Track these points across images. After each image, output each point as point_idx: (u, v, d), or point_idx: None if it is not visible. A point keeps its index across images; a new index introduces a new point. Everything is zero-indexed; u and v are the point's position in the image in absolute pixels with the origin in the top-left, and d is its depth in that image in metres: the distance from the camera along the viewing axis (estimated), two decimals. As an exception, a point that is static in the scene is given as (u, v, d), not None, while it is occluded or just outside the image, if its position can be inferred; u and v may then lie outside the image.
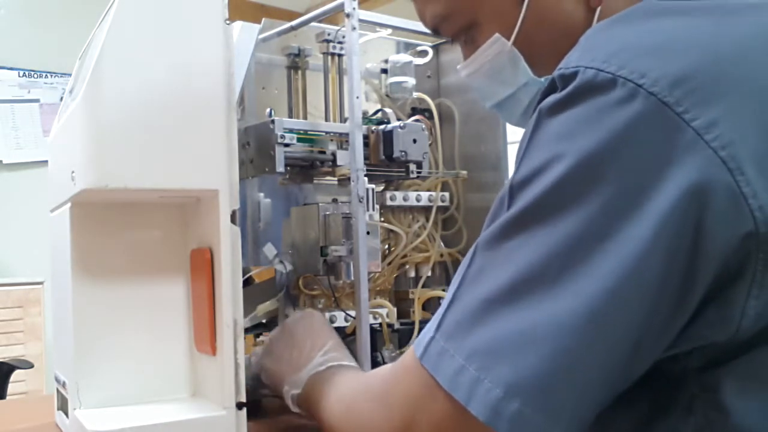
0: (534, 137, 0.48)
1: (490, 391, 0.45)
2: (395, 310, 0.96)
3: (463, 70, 0.70)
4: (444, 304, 0.51)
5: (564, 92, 0.46)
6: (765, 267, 0.43)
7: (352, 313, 0.92)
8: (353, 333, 0.91)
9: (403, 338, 0.93)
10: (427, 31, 0.98)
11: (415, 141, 0.92)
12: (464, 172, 1.04)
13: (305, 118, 0.97)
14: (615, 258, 0.43)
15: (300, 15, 0.98)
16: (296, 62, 0.98)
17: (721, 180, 0.42)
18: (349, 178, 0.85)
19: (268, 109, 0.93)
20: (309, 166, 0.91)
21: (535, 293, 0.45)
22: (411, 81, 1.02)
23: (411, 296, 0.99)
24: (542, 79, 0.64)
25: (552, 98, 0.47)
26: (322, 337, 0.79)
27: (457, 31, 0.68)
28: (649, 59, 0.44)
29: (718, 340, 0.45)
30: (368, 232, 0.85)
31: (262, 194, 0.97)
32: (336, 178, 0.95)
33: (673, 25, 0.47)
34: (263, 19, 0.95)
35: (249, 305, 0.92)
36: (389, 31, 0.99)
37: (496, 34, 0.63)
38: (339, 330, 0.94)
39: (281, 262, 0.93)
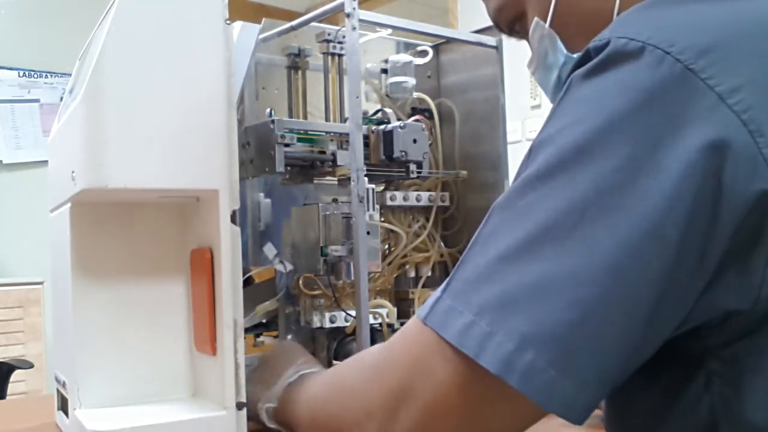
0: (562, 101, 0.49)
1: (501, 344, 0.44)
2: (395, 310, 0.96)
3: (530, 68, 0.73)
4: (456, 266, 0.50)
5: (595, 60, 0.47)
6: None
7: (352, 313, 0.92)
8: (353, 333, 0.91)
9: (403, 338, 0.93)
10: (427, 30, 0.99)
11: (415, 141, 0.92)
12: (464, 172, 1.04)
13: (305, 118, 0.97)
14: (634, 212, 0.43)
15: (300, 15, 0.98)
16: (296, 62, 0.98)
17: (741, 139, 0.43)
18: (349, 178, 0.85)
19: (268, 109, 0.93)
20: (309, 166, 0.91)
21: (550, 247, 0.45)
22: (411, 81, 1.02)
23: (411, 296, 0.99)
24: (575, 56, 0.66)
25: (584, 66, 0.48)
26: (296, 355, 0.78)
27: (511, 22, 0.72)
28: (677, 32, 0.46)
29: (739, 308, 0.45)
30: (368, 232, 0.85)
31: (262, 194, 0.97)
32: (336, 178, 0.95)
33: (698, 8, 0.49)
34: (263, 19, 0.95)
35: (249, 305, 0.92)
36: (389, 31, 0.99)
37: (536, 18, 0.67)
38: (339, 330, 0.94)
39: (281, 262, 0.93)
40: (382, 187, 0.99)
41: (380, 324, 0.93)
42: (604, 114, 0.45)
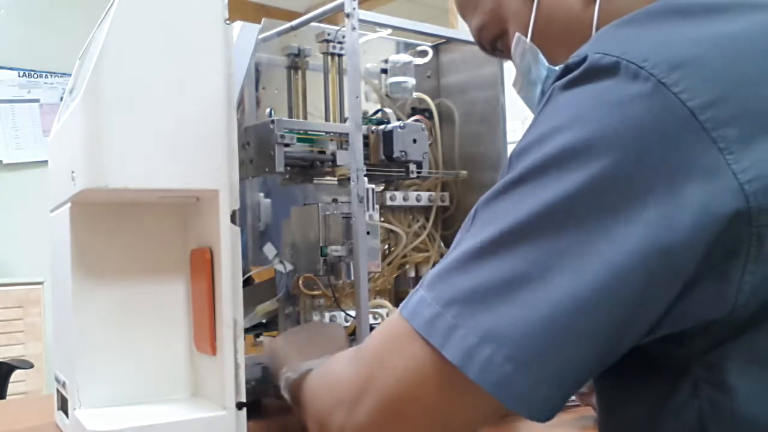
0: (542, 111, 0.51)
1: (464, 337, 0.46)
2: (395, 310, 0.96)
3: (515, 88, 0.74)
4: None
5: (573, 74, 0.49)
6: (759, 242, 0.44)
7: (352, 313, 0.92)
8: (353, 333, 0.91)
9: (403, 338, 0.93)
10: (427, 30, 0.99)
11: (415, 141, 0.92)
12: (464, 172, 1.04)
13: (305, 118, 0.97)
14: (605, 222, 0.44)
15: (300, 15, 0.98)
16: (296, 62, 0.98)
17: (712, 157, 0.44)
18: (349, 178, 0.85)
19: (268, 109, 0.93)
20: (309, 166, 0.91)
21: (519, 247, 0.46)
22: (411, 81, 1.02)
23: (411, 296, 0.99)
24: (557, 68, 0.67)
25: (564, 79, 0.50)
26: (338, 347, 0.79)
27: (493, 40, 0.74)
28: (651, 47, 0.47)
29: (715, 318, 0.46)
30: (368, 232, 0.85)
31: (262, 194, 0.97)
32: (336, 178, 0.95)
33: (674, 25, 0.50)
34: (263, 19, 0.95)
35: (249, 305, 0.92)
36: (389, 31, 0.99)
37: (517, 34, 0.68)
38: (339, 330, 0.94)
39: (281, 262, 0.93)
40: (382, 187, 0.99)
41: (380, 324, 0.93)
42: (583, 125, 0.46)
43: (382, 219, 0.98)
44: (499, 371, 0.44)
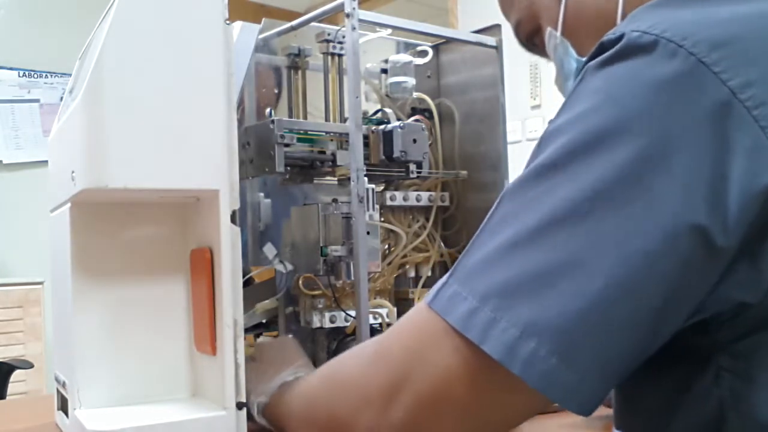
0: (575, 91, 0.49)
1: (506, 330, 0.44)
2: (395, 310, 0.96)
3: (556, 85, 0.75)
4: (462, 254, 0.50)
5: (609, 52, 0.48)
6: None
7: (352, 313, 0.92)
8: (353, 333, 0.91)
9: (403, 338, 0.93)
10: (427, 30, 0.99)
11: (415, 141, 0.92)
12: (464, 172, 1.04)
13: (305, 118, 0.97)
14: (644, 206, 0.43)
15: (300, 15, 0.98)
16: (296, 62, 0.98)
17: (752, 135, 0.43)
18: (349, 178, 0.85)
19: (268, 109, 0.93)
20: (309, 166, 0.91)
21: (558, 236, 0.45)
22: (411, 81, 1.02)
23: (411, 296, 0.99)
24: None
25: (598, 58, 0.49)
26: (294, 357, 0.79)
27: (529, 36, 0.75)
28: (690, 26, 0.46)
29: (748, 301, 0.45)
30: (368, 232, 0.85)
31: (262, 194, 0.97)
32: (336, 178, 0.95)
33: (710, 7, 0.50)
34: (263, 19, 0.95)
35: (249, 305, 0.92)
36: (389, 31, 0.99)
37: (549, 28, 0.69)
38: (339, 330, 0.94)
39: (281, 262, 0.93)
40: (382, 187, 0.99)
41: (380, 324, 0.93)
42: (617, 106, 0.45)
43: (382, 219, 0.98)
44: (545, 365, 0.43)
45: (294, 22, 0.96)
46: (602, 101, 0.46)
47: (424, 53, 1.06)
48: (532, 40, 0.75)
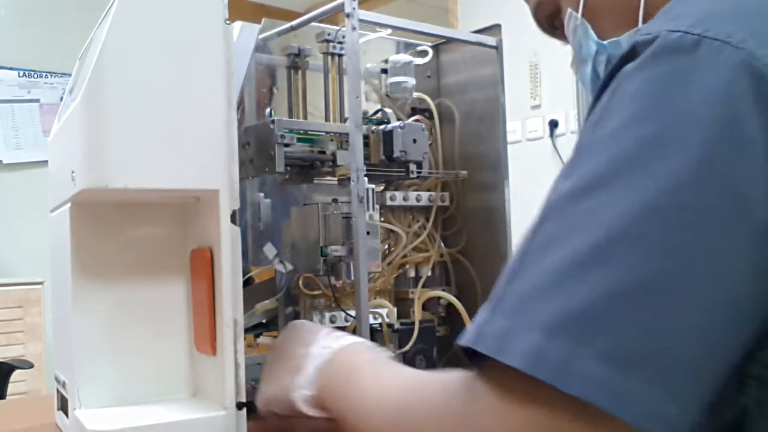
0: (612, 100, 0.46)
1: (587, 368, 0.38)
2: (395, 310, 0.96)
3: (572, 68, 0.73)
4: (501, 283, 0.45)
5: (647, 54, 0.45)
6: None
7: (352, 313, 0.92)
8: (353, 333, 0.91)
9: (403, 338, 0.93)
10: (427, 30, 0.99)
11: (415, 141, 0.92)
12: (464, 172, 1.04)
13: (305, 118, 0.97)
14: (719, 209, 0.41)
15: (300, 15, 0.98)
16: (296, 62, 0.98)
17: None
18: (349, 178, 0.85)
19: (268, 109, 0.93)
20: (309, 166, 0.91)
21: (624, 256, 0.40)
22: (411, 81, 1.02)
23: (411, 296, 0.99)
24: (606, 43, 0.67)
25: (635, 62, 0.46)
26: (313, 331, 0.72)
27: (549, 18, 0.73)
28: (734, 23, 0.44)
29: None
30: (368, 232, 0.85)
31: (262, 194, 0.97)
32: (336, 178, 0.95)
33: None
34: (263, 19, 0.95)
35: (249, 305, 0.91)
36: (389, 31, 0.99)
37: (569, 10, 0.68)
38: (339, 330, 0.94)
39: (281, 262, 0.93)
40: (382, 187, 0.99)
41: (380, 324, 0.93)
42: (666, 111, 0.43)
43: (382, 219, 0.98)
44: (647, 402, 0.38)
45: (294, 22, 0.96)
46: (648, 108, 0.43)
47: (424, 53, 1.06)
48: (551, 22, 0.73)
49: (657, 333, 0.39)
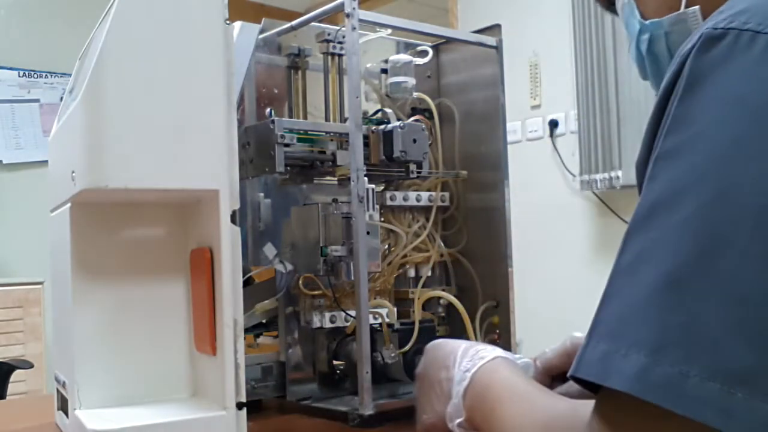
0: (686, 103, 0.44)
1: (700, 386, 0.37)
2: (395, 310, 0.96)
3: (628, 51, 0.74)
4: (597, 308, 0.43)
5: (720, 51, 0.43)
6: None
7: (352, 313, 0.92)
8: (353, 333, 0.91)
9: (403, 338, 0.93)
10: (427, 30, 0.99)
11: (415, 141, 0.92)
12: (464, 172, 1.04)
13: (305, 118, 0.98)
14: None
15: (300, 15, 0.98)
16: (296, 62, 0.98)
17: None
18: (349, 178, 0.85)
19: (268, 109, 0.93)
20: (309, 166, 0.91)
21: (724, 267, 0.39)
22: (411, 81, 1.02)
23: (411, 296, 0.99)
24: (648, 22, 0.68)
25: (707, 61, 0.44)
26: (451, 352, 0.67)
27: None
28: None
29: None
30: (368, 232, 0.85)
31: (262, 194, 0.97)
32: (336, 178, 0.95)
33: None
34: (263, 19, 0.95)
35: (249, 305, 0.92)
36: (389, 31, 0.99)
37: None
38: (339, 330, 0.94)
39: (281, 262, 0.93)
40: (382, 187, 0.99)
41: (380, 324, 0.93)
42: (749, 112, 0.41)
43: (382, 219, 0.98)
44: (759, 415, 0.37)
45: (294, 22, 0.96)
46: (727, 107, 0.42)
47: (424, 53, 1.06)
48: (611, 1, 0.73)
49: (753, 348, 0.38)
